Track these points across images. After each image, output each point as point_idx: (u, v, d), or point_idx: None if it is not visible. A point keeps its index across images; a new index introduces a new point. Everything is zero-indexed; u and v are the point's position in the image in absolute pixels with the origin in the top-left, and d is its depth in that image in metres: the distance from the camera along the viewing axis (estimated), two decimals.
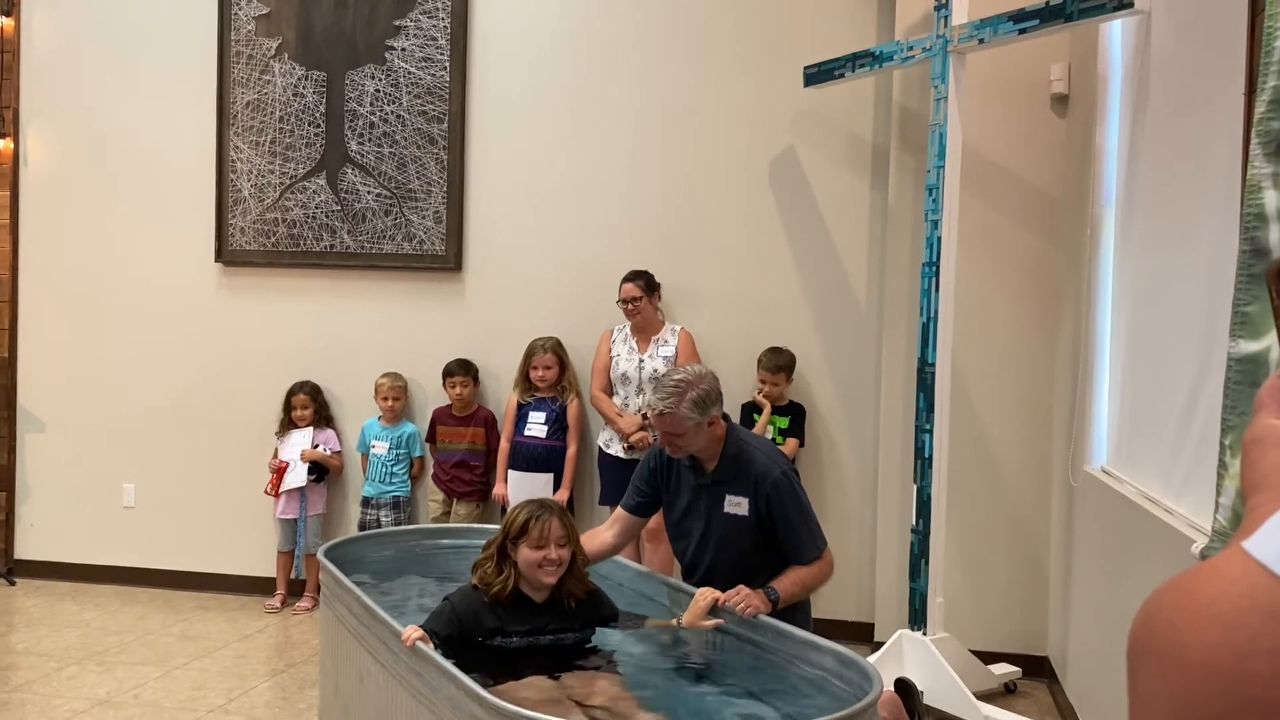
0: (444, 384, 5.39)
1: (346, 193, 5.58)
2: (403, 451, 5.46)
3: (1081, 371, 4.06)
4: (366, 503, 5.46)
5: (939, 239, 4.23)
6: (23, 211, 5.98)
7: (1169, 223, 3.06)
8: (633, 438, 4.93)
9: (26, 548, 6.02)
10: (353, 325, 5.64)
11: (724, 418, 3.31)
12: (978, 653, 4.37)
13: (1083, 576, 3.95)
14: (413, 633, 2.84)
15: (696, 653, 3.18)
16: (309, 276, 5.67)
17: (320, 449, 5.53)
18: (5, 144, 5.92)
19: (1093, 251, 3.95)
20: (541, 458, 5.17)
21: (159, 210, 5.82)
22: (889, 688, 3.39)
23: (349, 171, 5.57)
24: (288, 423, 5.55)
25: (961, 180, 4.27)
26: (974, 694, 4.00)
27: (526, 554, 3.02)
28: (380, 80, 5.54)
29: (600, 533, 3.52)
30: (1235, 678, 0.49)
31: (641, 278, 5.03)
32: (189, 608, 5.50)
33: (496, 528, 3.31)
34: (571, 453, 5.20)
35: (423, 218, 5.50)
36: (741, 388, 5.02)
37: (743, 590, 3.08)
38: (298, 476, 5.48)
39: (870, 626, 4.91)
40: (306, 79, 5.61)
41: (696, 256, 5.26)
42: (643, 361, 5.03)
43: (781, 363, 4.97)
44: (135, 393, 5.85)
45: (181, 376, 5.80)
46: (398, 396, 5.45)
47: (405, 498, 5.48)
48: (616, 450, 5.03)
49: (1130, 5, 3.50)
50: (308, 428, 5.53)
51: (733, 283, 5.23)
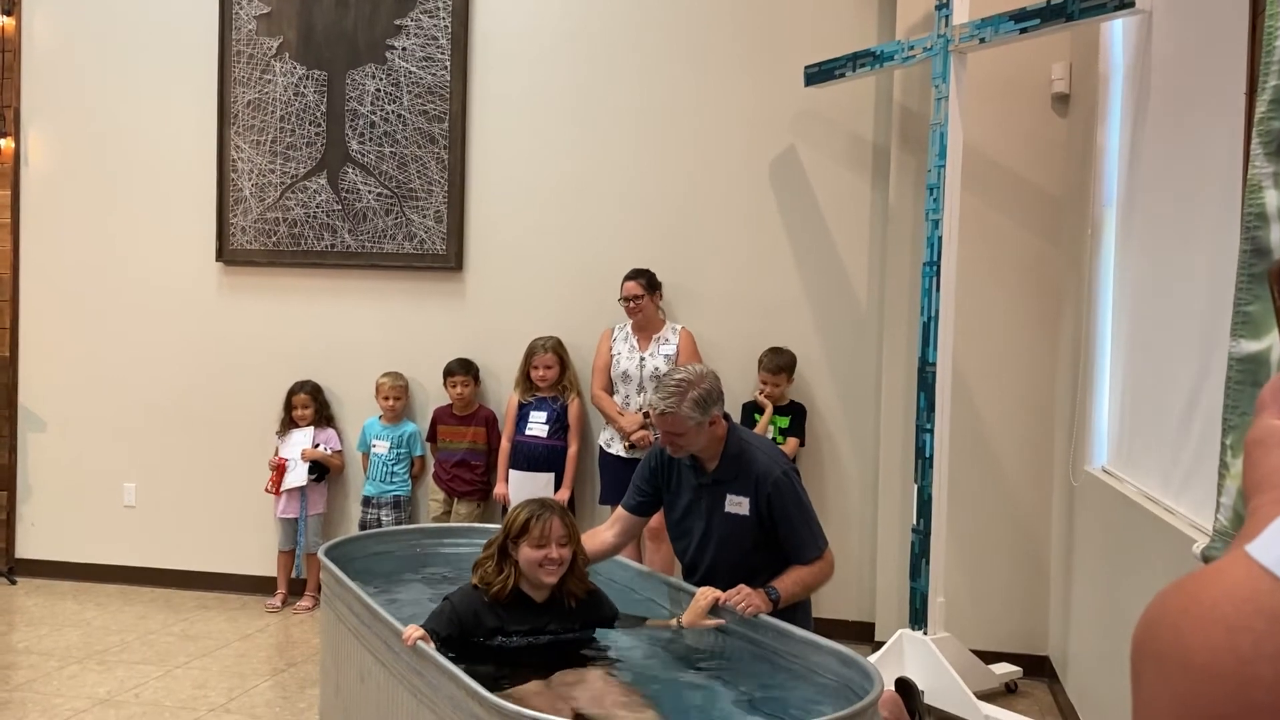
0: (445, 383, 5.39)
1: (347, 192, 5.58)
2: (404, 451, 5.46)
3: (1082, 371, 4.06)
4: (367, 502, 5.46)
5: (940, 238, 4.22)
6: (24, 211, 5.99)
7: (1170, 222, 3.06)
8: (634, 436, 4.93)
9: (27, 547, 6.02)
10: (353, 325, 5.64)
11: (725, 417, 3.31)
12: (978, 652, 4.37)
13: (1083, 576, 3.95)
14: (413, 632, 2.84)
15: (697, 652, 3.18)
16: (310, 276, 5.68)
17: (321, 448, 5.53)
18: (6, 143, 5.92)
19: (1093, 251, 3.95)
20: (542, 457, 5.17)
21: (160, 209, 5.82)
22: (890, 687, 3.39)
23: (350, 171, 5.58)
24: (288, 422, 5.56)
25: (962, 180, 4.27)
26: (975, 693, 4.00)
27: (527, 553, 3.02)
28: (381, 80, 5.54)
29: (601, 532, 3.52)
30: (1239, 681, 0.49)
31: (643, 276, 5.03)
32: (190, 607, 5.50)
33: (497, 527, 3.31)
34: (572, 452, 5.20)
35: (423, 217, 5.50)
36: (742, 387, 5.02)
37: (743, 590, 3.08)
38: (298, 476, 5.48)
39: (871, 626, 4.91)
40: (307, 78, 5.61)
41: (697, 256, 5.26)
42: (644, 360, 5.03)
43: (783, 363, 4.97)
44: (136, 392, 5.85)
45: (182, 376, 5.81)
46: (399, 396, 5.46)
47: (406, 497, 5.48)
48: (617, 449, 5.03)
49: (1131, 5, 3.50)
50: (308, 427, 5.53)
51: (733, 282, 5.23)
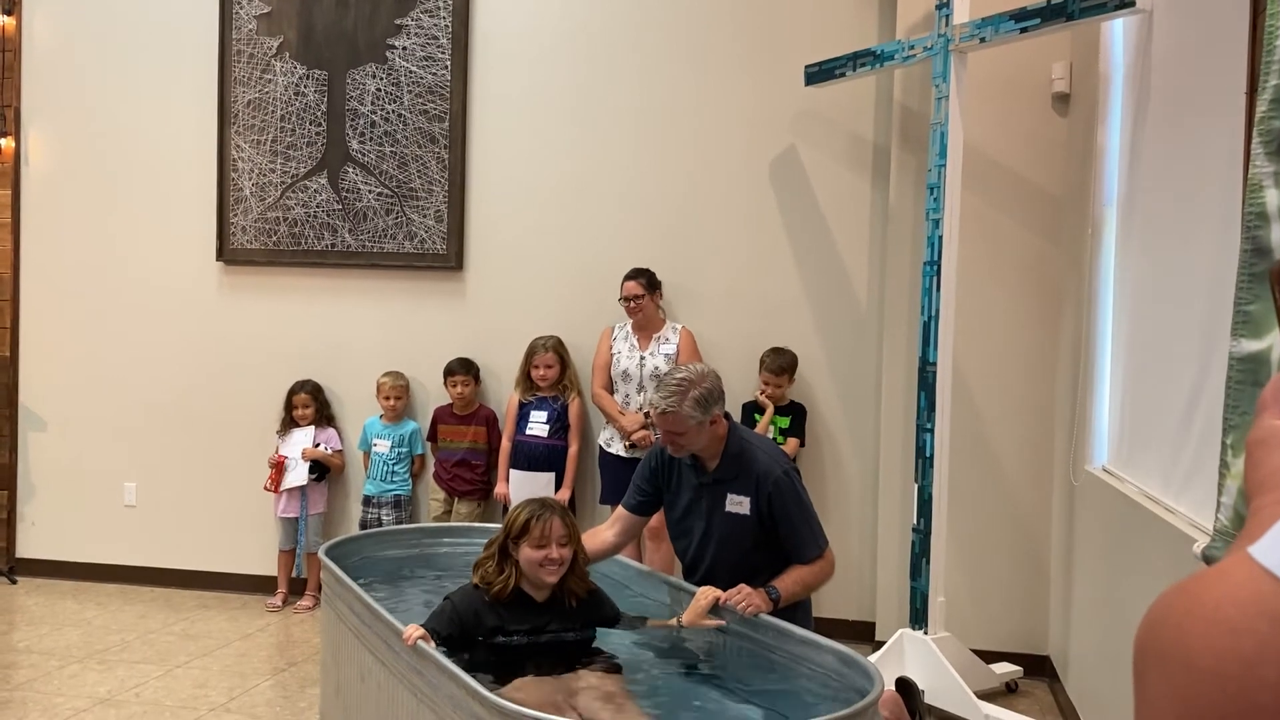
0: (445, 383, 5.39)
1: (348, 192, 5.58)
2: (404, 450, 5.46)
3: (1083, 370, 4.06)
4: (368, 501, 5.46)
5: (940, 238, 4.22)
6: (24, 210, 5.99)
7: (1170, 222, 3.06)
8: (634, 435, 4.93)
9: (28, 546, 6.02)
10: (354, 324, 5.64)
11: (725, 416, 3.31)
12: (979, 652, 4.37)
13: (1084, 576, 3.95)
14: (414, 631, 2.85)
15: (697, 652, 3.18)
16: (310, 275, 5.68)
17: (321, 448, 5.53)
18: (7, 143, 5.92)
19: (1094, 250, 3.95)
20: (543, 457, 5.17)
21: (160, 209, 5.82)
22: (890, 687, 3.39)
23: (350, 170, 5.58)
24: (289, 422, 5.56)
25: (963, 179, 4.27)
26: (975, 693, 4.00)
27: (528, 553, 3.02)
28: (381, 79, 5.54)
29: (601, 532, 3.53)
30: (1243, 684, 0.49)
31: (643, 275, 5.03)
32: (190, 606, 5.51)
33: (498, 527, 3.31)
34: (573, 452, 5.20)
35: (424, 217, 5.50)
36: (742, 387, 5.01)
37: (744, 589, 3.08)
38: (299, 475, 5.48)
39: (871, 625, 4.91)
40: (308, 78, 5.61)
41: (697, 256, 5.26)
42: (644, 359, 5.03)
43: (784, 363, 4.97)
44: (137, 391, 5.85)
45: (183, 375, 5.81)
46: (399, 395, 5.46)
47: (406, 496, 5.48)
48: (617, 449, 5.03)
49: (1132, 4, 3.50)
50: (309, 427, 5.53)
51: (733, 282, 5.23)
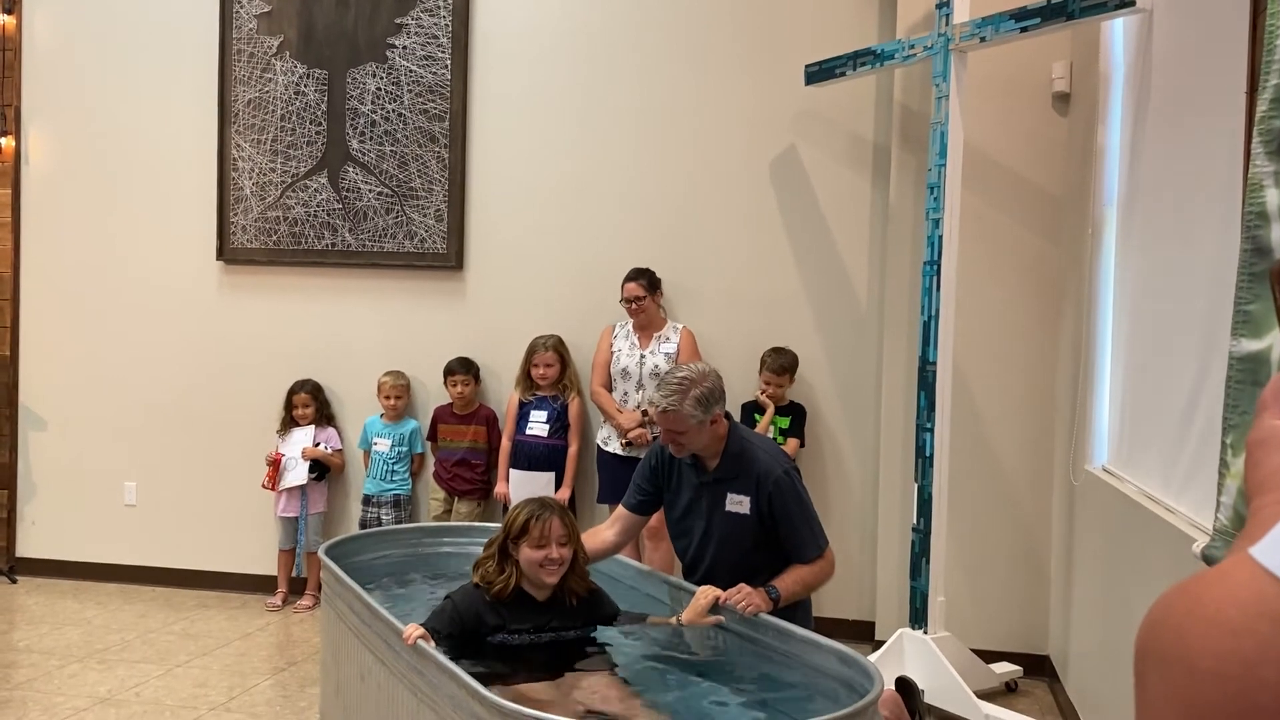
0: (445, 382, 5.39)
1: (348, 191, 5.58)
2: (404, 449, 5.46)
3: (1083, 370, 4.06)
4: (368, 501, 5.46)
5: (940, 237, 4.22)
6: (24, 210, 5.99)
7: (1170, 221, 3.06)
8: (631, 435, 4.93)
9: (28, 546, 6.02)
10: (354, 324, 5.64)
11: (726, 416, 3.32)
12: (979, 651, 4.37)
13: (1084, 575, 3.95)
14: (414, 631, 2.85)
15: (697, 651, 3.18)
16: (310, 275, 5.68)
17: (321, 447, 5.53)
18: (7, 142, 5.92)
19: (1094, 250, 3.95)
20: (543, 456, 5.17)
21: (160, 208, 5.82)
22: (890, 686, 3.39)
23: (350, 170, 5.57)
24: (289, 421, 5.56)
25: (963, 179, 4.27)
26: (975, 693, 4.00)
27: (528, 554, 3.02)
28: (382, 78, 5.54)
29: (601, 531, 3.53)
30: (1244, 685, 0.49)
31: (644, 277, 5.03)
32: (190, 606, 5.51)
33: (497, 526, 3.32)
34: (573, 451, 5.20)
35: (424, 216, 5.50)
36: (743, 387, 5.01)
37: (744, 589, 3.08)
38: (299, 475, 5.48)
39: (871, 625, 4.91)
40: (308, 77, 5.61)
41: (697, 256, 5.26)
42: (644, 357, 5.03)
43: (785, 363, 4.97)
44: (137, 391, 5.85)
45: (183, 375, 5.81)
46: (400, 395, 5.46)
47: (406, 496, 5.48)
48: (615, 448, 5.03)
49: (1132, 4, 3.50)
50: (309, 426, 5.53)
51: (733, 282, 5.23)
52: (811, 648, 2.88)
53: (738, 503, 3.25)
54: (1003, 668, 4.44)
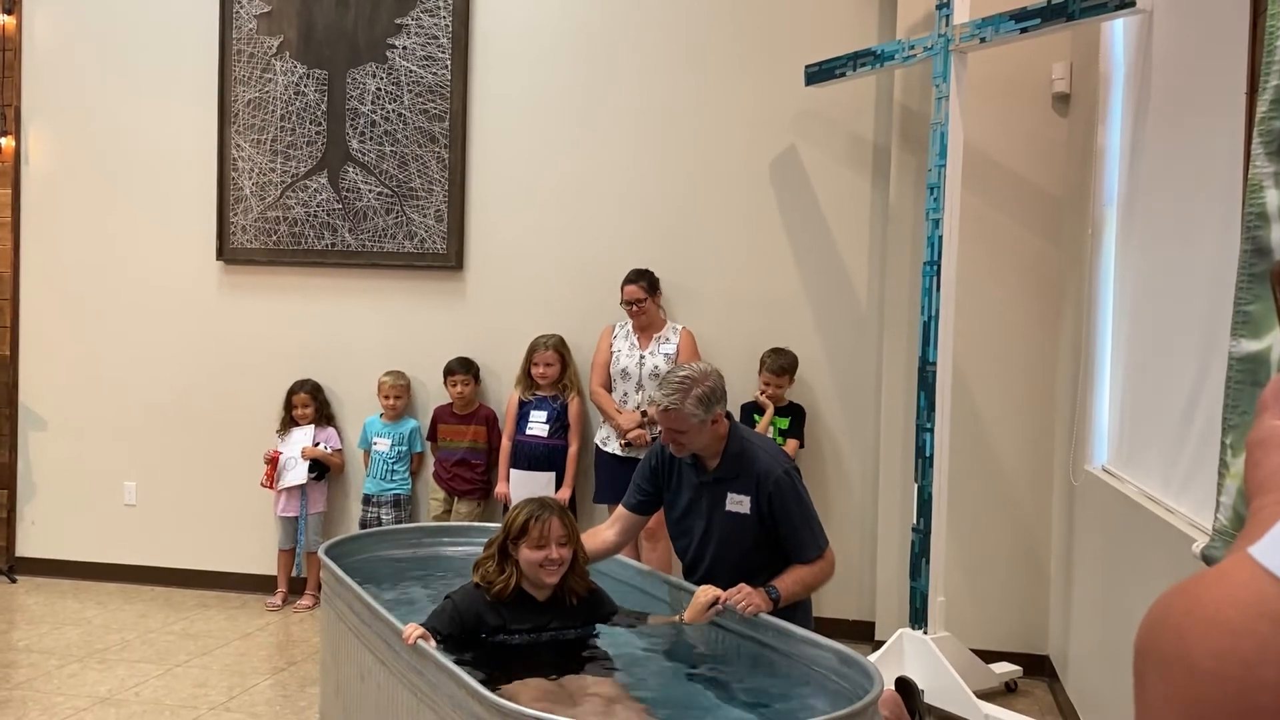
0: (445, 382, 5.39)
1: (348, 191, 5.58)
2: (404, 449, 5.46)
3: (1082, 370, 4.06)
4: (367, 500, 5.46)
5: (940, 238, 4.23)
6: (24, 210, 5.99)
7: (1170, 222, 3.06)
8: (630, 435, 4.93)
9: (28, 545, 6.02)
10: (354, 324, 5.64)
11: (726, 416, 3.32)
12: (978, 651, 4.37)
13: (1083, 575, 3.95)
14: (414, 631, 2.85)
15: (697, 651, 3.18)
16: (310, 275, 5.68)
17: (321, 447, 5.53)
18: (7, 142, 5.92)
19: (1094, 250, 3.95)
20: (543, 456, 5.17)
21: (160, 208, 5.82)
22: (890, 686, 3.40)
23: (350, 170, 5.58)
24: (289, 421, 5.56)
25: (963, 179, 4.27)
26: (975, 693, 4.00)
27: (527, 554, 3.02)
28: (382, 79, 5.54)
29: (601, 531, 3.53)
30: (1243, 685, 0.49)
31: (644, 278, 5.02)
32: (190, 605, 5.51)
33: (497, 527, 3.32)
34: (573, 451, 5.20)
35: (424, 216, 5.50)
36: (743, 387, 5.01)
37: (744, 589, 3.08)
38: (298, 474, 5.48)
39: (871, 625, 4.91)
40: (308, 77, 5.61)
41: (697, 256, 5.26)
42: (644, 358, 5.03)
43: (785, 364, 4.97)
44: (137, 391, 5.85)
45: (183, 375, 5.81)
46: (400, 395, 5.46)
47: (406, 496, 5.48)
48: (613, 448, 5.03)
49: (1132, 4, 3.50)
50: (309, 426, 5.53)
51: (733, 282, 5.23)
52: (811, 648, 2.88)
53: (738, 502, 3.26)
54: (1002, 668, 4.44)
